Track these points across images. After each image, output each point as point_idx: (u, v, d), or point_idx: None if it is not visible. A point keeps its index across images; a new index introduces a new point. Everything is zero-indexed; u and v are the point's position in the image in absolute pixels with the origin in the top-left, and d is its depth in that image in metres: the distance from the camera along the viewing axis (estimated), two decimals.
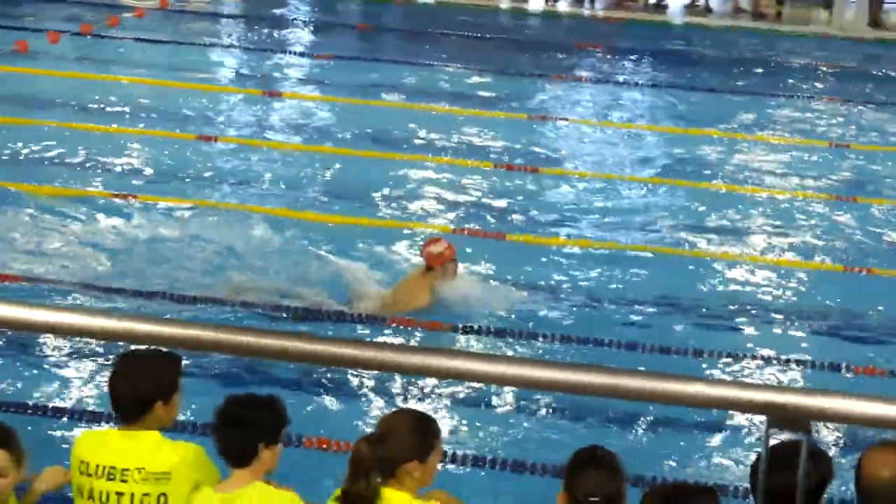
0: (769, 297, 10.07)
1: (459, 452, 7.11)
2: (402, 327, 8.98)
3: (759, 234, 11.57)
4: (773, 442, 3.36)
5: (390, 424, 4.88)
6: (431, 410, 7.35)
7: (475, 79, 17.05)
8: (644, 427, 7.64)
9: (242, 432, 4.81)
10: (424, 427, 4.91)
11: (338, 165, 12.98)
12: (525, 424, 7.69)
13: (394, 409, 5.22)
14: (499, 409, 7.88)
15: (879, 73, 19.00)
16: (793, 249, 11.21)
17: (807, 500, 4.69)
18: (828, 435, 7.45)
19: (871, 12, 22.01)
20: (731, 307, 9.77)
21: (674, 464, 7.22)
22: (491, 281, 9.99)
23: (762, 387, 3.17)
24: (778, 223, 11.84)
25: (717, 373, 8.59)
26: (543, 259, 10.61)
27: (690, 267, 10.64)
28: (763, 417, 3.16)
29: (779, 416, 3.06)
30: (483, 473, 7.03)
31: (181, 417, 6.00)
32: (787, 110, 16.19)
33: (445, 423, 7.50)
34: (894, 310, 9.83)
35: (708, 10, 22.76)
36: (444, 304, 9.37)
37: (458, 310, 9.33)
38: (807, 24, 22.21)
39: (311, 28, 20.65)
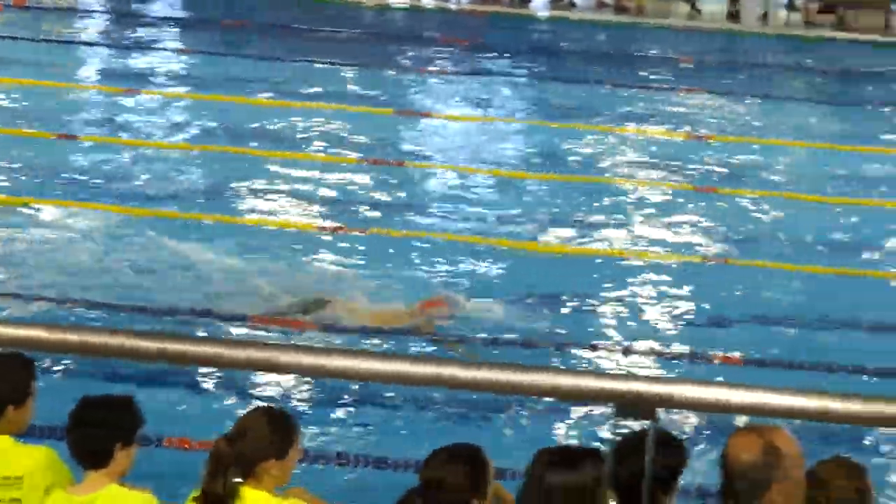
0: (629, 289, 10.17)
1: (320, 450, 7.10)
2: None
3: (622, 226, 11.69)
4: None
5: (247, 422, 4.84)
6: (291, 408, 7.33)
7: (341, 74, 16.99)
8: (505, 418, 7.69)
9: (96, 433, 4.74)
10: (282, 424, 4.88)
11: (202, 162, 12.86)
12: (384, 419, 7.70)
13: (252, 408, 5.17)
14: (355, 406, 7.87)
15: (738, 65, 19.32)
16: (654, 240, 11.35)
17: (661, 486, 4.80)
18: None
19: (730, 5, 22.35)
20: (589, 299, 9.85)
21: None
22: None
23: (609, 376, 3.20)
24: (641, 214, 11.98)
25: (575, 364, 8.65)
26: (411, 253, 10.62)
27: (555, 259, 10.72)
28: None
29: (626, 405, 3.09)
30: (343, 470, 7.01)
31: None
32: (649, 103, 16.37)
33: (305, 421, 7.48)
34: (754, 298, 10.00)
35: (572, 4, 22.93)
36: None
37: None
38: (668, 17, 22.48)
39: (176, 24, 20.40)
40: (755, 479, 4.29)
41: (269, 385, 8.03)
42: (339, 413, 7.83)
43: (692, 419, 7.39)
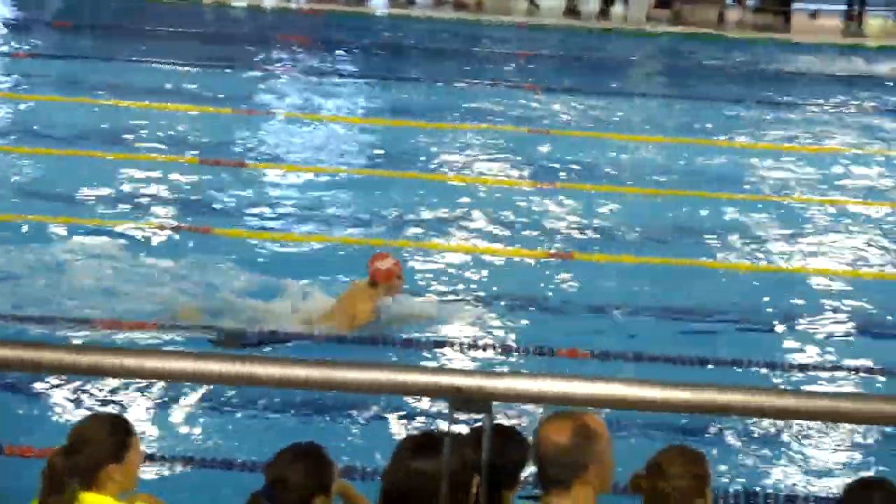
0: (468, 284, 10.20)
1: (166, 453, 7.01)
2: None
3: (464, 222, 11.72)
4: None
5: (80, 431, 4.78)
6: (129, 412, 7.24)
7: (179, 74, 16.78)
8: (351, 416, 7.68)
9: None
10: (115, 428, 4.82)
11: (40, 166, 12.61)
12: (227, 420, 7.64)
13: (83, 417, 5.09)
14: (197, 407, 7.79)
15: (578, 60, 19.54)
16: (494, 236, 11.41)
17: (503, 480, 4.82)
18: None
19: (567, 1, 22.61)
20: (431, 295, 9.87)
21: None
22: (429, 295, 9.88)
23: (444, 371, 3.21)
24: (481, 210, 12.02)
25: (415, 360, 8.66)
26: (253, 253, 10.53)
27: (401, 255, 10.72)
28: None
29: (461, 399, 3.09)
30: (190, 472, 6.94)
31: None
32: (490, 98, 16.45)
33: (149, 424, 7.40)
34: (593, 292, 10.11)
35: (411, 1, 22.97)
36: (387, 319, 9.28)
37: (400, 324, 9.27)
38: (507, 13, 22.66)
39: (5, 24, 19.95)
40: (571, 461, 4.36)
41: (105, 390, 7.90)
42: (181, 415, 7.73)
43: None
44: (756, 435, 7.88)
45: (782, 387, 8.57)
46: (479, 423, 3.79)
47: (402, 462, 4.33)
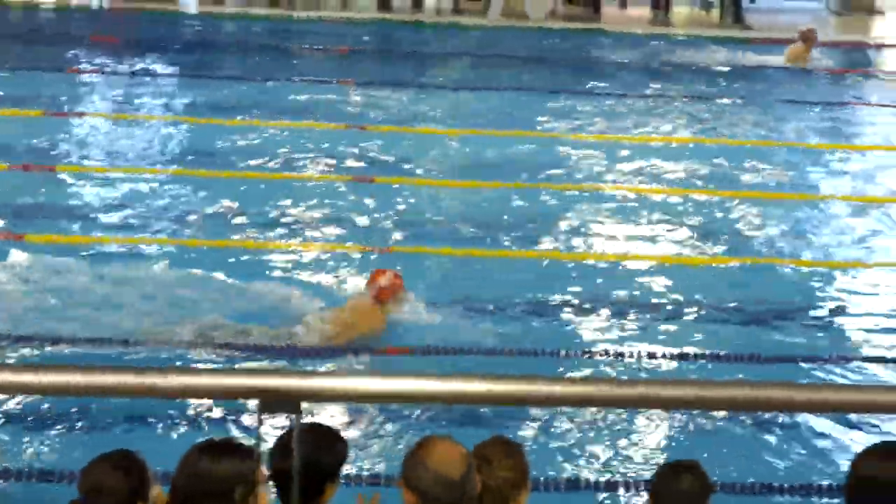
0: (289, 282, 10.17)
1: None
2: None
3: (283, 219, 11.69)
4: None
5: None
6: None
7: None
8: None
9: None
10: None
11: None
12: (41, 431, 7.51)
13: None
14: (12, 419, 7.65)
15: (392, 54, 19.61)
16: (315, 232, 11.40)
17: (327, 479, 4.86)
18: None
19: None
20: (236, 295, 9.81)
21: None
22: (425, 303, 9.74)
23: (253, 372, 3.22)
24: (300, 207, 12.00)
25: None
26: (69, 258, 10.35)
27: (216, 252, 10.65)
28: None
29: (270, 400, 3.11)
30: (4, 485, 6.82)
31: None
32: (307, 95, 16.43)
33: None
34: (412, 286, 10.15)
35: None
36: (394, 329, 9.23)
37: (407, 333, 9.21)
38: (320, 8, 22.63)
39: None
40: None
41: None
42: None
43: None
44: (560, 424, 8.03)
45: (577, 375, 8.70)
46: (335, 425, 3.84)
47: (189, 464, 4.41)
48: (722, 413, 8.01)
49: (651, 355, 9.07)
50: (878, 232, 12.25)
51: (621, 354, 9.03)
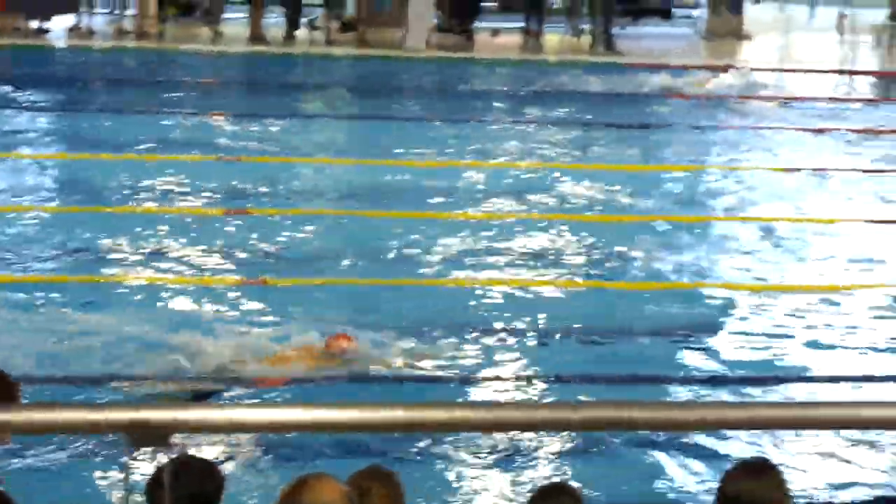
0: (163, 314, 10.01)
1: None
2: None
3: (158, 252, 11.50)
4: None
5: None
6: None
7: None
8: None
9: None
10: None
11: None
12: None
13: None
14: None
15: (263, 86, 19.48)
16: (190, 265, 11.23)
17: None
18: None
19: (252, 27, 22.55)
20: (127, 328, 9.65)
21: None
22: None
23: (120, 405, 3.10)
24: (175, 240, 11.83)
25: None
26: None
27: (88, 289, 10.44)
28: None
29: (136, 434, 2.99)
30: None
31: None
32: (177, 128, 16.23)
33: None
34: (285, 316, 10.05)
35: (91, 32, 22.49)
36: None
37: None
38: (191, 41, 22.44)
39: None
40: None
41: None
42: None
43: None
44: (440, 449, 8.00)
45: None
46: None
47: None
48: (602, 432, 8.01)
49: (518, 377, 9.11)
50: (755, 252, 12.41)
51: (497, 377, 9.07)
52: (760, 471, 4.56)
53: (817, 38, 25.01)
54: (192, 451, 6.28)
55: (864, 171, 15.31)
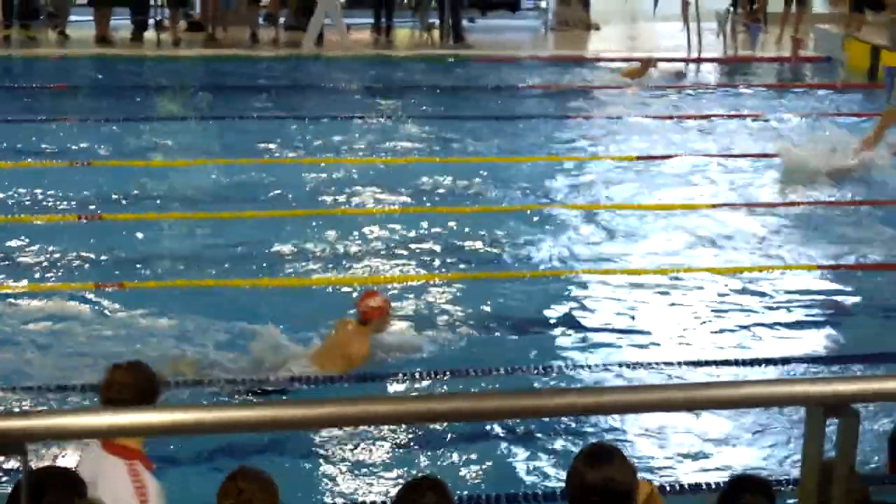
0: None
1: None
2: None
3: (7, 261, 11.34)
4: None
5: None
6: None
7: None
8: None
9: None
10: None
11: None
12: None
13: None
14: None
15: (112, 89, 19.20)
16: (51, 272, 11.09)
17: None
18: None
19: (98, 29, 22.21)
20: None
21: None
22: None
23: None
24: (30, 247, 11.65)
25: None
26: None
27: None
28: None
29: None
30: None
31: None
32: (24, 133, 15.94)
33: None
34: (140, 322, 9.97)
35: None
36: (380, 354, 9.39)
37: (395, 357, 9.43)
38: (37, 46, 22.04)
39: None
40: None
41: None
42: None
43: None
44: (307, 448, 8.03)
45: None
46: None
47: None
48: (465, 425, 8.10)
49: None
50: (611, 239, 12.61)
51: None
52: (606, 457, 4.55)
53: (663, 26, 25.41)
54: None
55: (710, 157, 15.63)
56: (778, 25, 24.30)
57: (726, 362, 9.56)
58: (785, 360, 9.65)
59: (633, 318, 10.53)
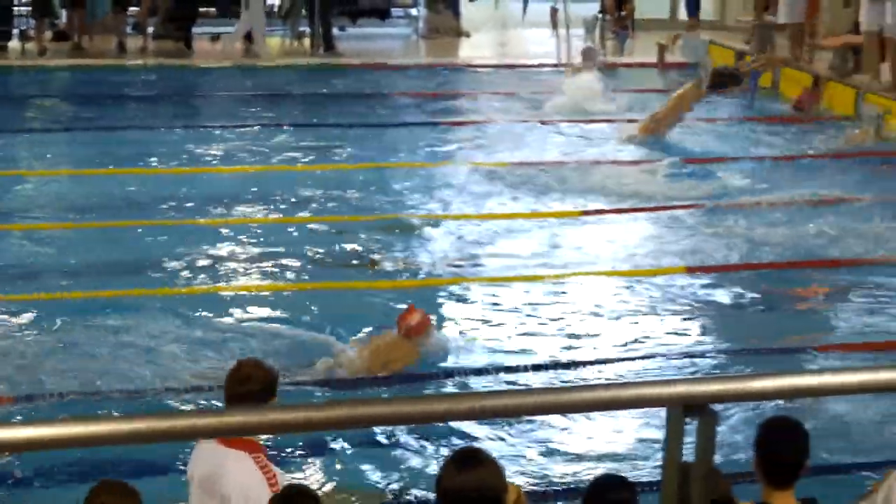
0: None
1: None
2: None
3: None
4: None
5: None
6: None
7: None
8: None
9: None
10: None
11: None
12: None
13: None
14: None
15: None
16: None
17: None
18: None
19: None
20: None
21: None
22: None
23: None
24: None
25: None
26: None
27: None
28: None
29: None
30: None
31: None
32: None
33: None
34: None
35: None
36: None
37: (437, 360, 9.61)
38: None
39: None
40: None
41: None
42: None
43: None
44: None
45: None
46: None
47: None
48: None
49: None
50: (479, 246, 12.67)
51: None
52: (475, 461, 4.54)
53: (532, 32, 25.59)
54: None
55: (580, 163, 15.77)
56: (646, 31, 24.60)
57: (597, 361, 9.67)
58: (650, 359, 9.76)
59: (499, 324, 10.57)
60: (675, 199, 14.22)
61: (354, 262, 12.03)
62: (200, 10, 24.06)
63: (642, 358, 9.82)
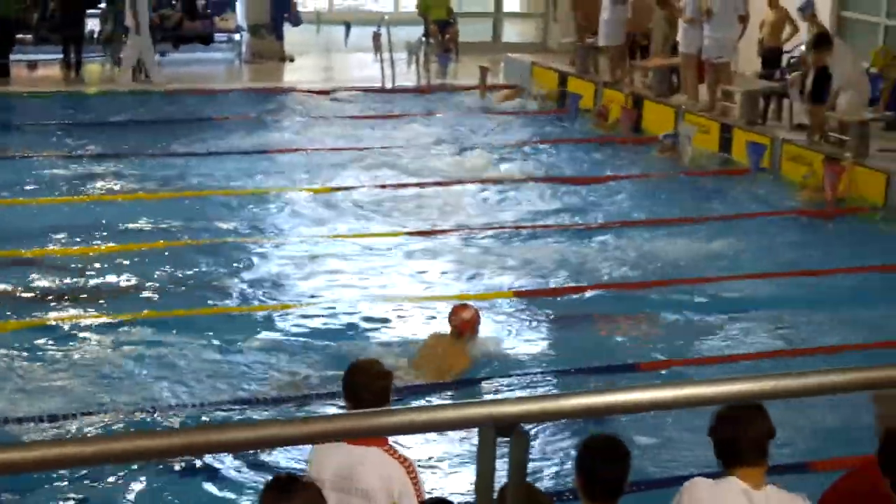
0: None
1: None
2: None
3: None
4: None
5: None
6: None
7: None
8: None
9: None
10: None
11: None
12: None
13: None
14: None
15: None
16: None
17: None
18: None
19: None
20: None
21: None
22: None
23: None
24: None
25: None
26: None
27: None
28: None
29: None
30: None
31: None
32: None
33: None
34: None
35: None
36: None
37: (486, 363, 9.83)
38: None
39: None
40: None
41: None
42: None
43: None
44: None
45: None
46: None
47: None
48: None
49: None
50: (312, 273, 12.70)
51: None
52: (291, 488, 4.56)
53: (355, 57, 25.64)
54: None
55: (418, 186, 15.89)
56: (470, 56, 24.83)
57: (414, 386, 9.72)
58: (463, 384, 9.80)
59: (338, 348, 10.61)
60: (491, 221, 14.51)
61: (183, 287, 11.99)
62: (17, 36, 23.55)
63: (457, 383, 9.86)
